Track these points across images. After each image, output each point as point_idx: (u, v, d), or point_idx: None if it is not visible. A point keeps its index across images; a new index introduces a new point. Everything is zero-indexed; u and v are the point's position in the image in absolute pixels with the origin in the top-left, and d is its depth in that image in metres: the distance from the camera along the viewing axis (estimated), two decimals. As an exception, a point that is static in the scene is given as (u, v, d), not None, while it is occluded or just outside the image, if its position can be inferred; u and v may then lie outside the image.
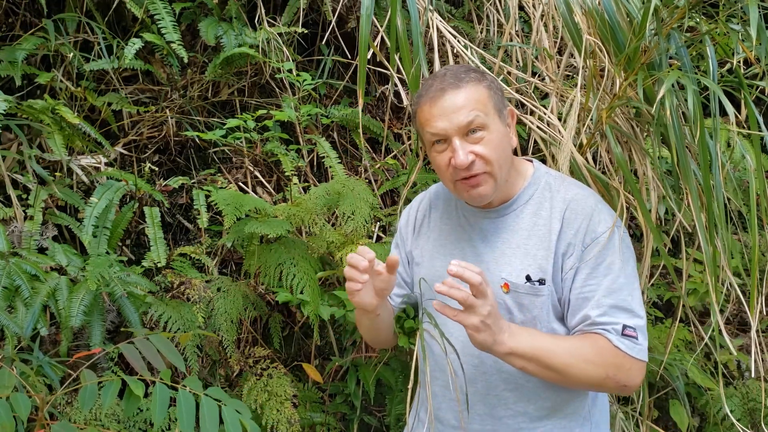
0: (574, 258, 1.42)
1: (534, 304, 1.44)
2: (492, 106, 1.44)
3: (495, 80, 1.50)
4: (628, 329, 1.38)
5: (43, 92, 2.47)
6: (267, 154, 2.68)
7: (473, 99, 1.42)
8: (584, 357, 1.37)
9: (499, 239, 1.49)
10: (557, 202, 1.47)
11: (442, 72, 1.48)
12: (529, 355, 1.37)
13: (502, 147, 1.44)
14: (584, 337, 1.41)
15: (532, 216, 1.48)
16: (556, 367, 1.37)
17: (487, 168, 1.44)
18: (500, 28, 2.75)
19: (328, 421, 2.40)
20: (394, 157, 2.83)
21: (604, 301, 1.39)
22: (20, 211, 2.21)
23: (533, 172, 1.54)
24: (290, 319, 2.58)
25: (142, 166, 2.57)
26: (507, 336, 1.35)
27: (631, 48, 1.70)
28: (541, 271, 1.43)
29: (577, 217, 1.44)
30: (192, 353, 2.15)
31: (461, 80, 1.43)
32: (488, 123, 1.42)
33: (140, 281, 2.20)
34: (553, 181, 1.52)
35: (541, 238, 1.45)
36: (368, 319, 1.62)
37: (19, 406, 1.40)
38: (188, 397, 1.45)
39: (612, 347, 1.37)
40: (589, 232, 1.42)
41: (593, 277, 1.41)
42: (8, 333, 1.90)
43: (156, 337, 1.61)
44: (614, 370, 1.37)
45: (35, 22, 2.60)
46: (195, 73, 2.72)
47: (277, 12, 2.86)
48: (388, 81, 2.89)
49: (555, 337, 1.43)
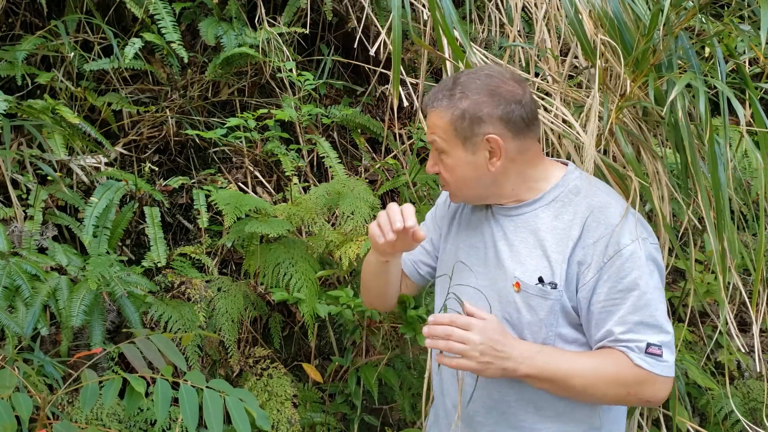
0: (594, 269, 1.39)
1: (541, 307, 1.43)
2: (453, 134, 1.43)
3: (480, 102, 1.41)
4: (653, 347, 1.35)
5: (43, 92, 2.47)
6: (267, 154, 2.68)
7: (433, 124, 1.46)
8: (604, 376, 1.37)
9: (518, 237, 1.48)
10: (581, 208, 1.44)
11: (441, 82, 1.49)
12: (546, 378, 1.38)
13: (461, 173, 1.46)
14: (605, 355, 1.39)
15: (553, 218, 1.45)
16: (575, 389, 1.38)
17: (448, 185, 1.50)
18: (502, 29, 2.75)
19: (328, 421, 2.39)
20: (394, 157, 2.83)
21: (629, 318, 1.36)
22: (20, 211, 2.21)
23: (564, 175, 1.50)
24: (290, 319, 2.58)
25: (142, 166, 2.57)
26: (518, 363, 1.36)
27: (640, 50, 1.70)
28: (555, 274, 1.41)
29: (599, 227, 1.40)
30: (193, 353, 2.15)
31: (433, 101, 1.45)
32: (446, 149, 1.45)
33: (140, 281, 2.20)
34: (582, 185, 1.48)
35: (559, 241, 1.43)
36: (376, 261, 1.63)
37: (21, 406, 1.40)
38: (190, 391, 1.44)
39: (633, 365, 1.35)
40: (612, 244, 1.38)
41: (617, 291, 1.37)
42: (9, 333, 1.89)
43: (157, 336, 1.61)
44: (636, 387, 1.36)
45: (35, 22, 2.60)
46: (195, 73, 2.72)
47: (277, 12, 2.86)
48: (388, 81, 2.89)
49: (573, 355, 1.41)
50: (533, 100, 1.46)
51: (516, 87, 1.43)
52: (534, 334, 1.45)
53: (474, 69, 1.49)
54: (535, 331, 1.44)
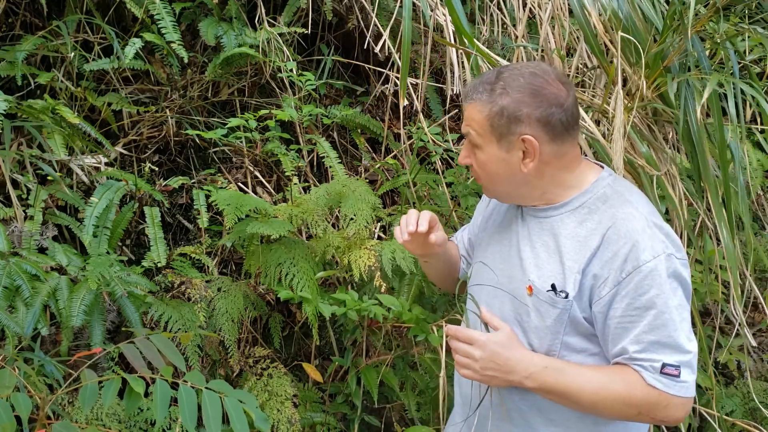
0: (611, 284, 1.35)
1: (549, 314, 1.41)
2: (488, 130, 1.41)
3: (520, 101, 1.38)
4: (669, 367, 1.32)
5: (43, 92, 2.47)
6: (267, 154, 2.68)
7: (469, 116, 1.44)
8: (614, 395, 1.35)
9: (539, 240, 1.46)
10: (605, 218, 1.39)
11: (484, 74, 1.47)
12: (553, 393, 1.38)
13: (492, 169, 1.44)
14: (617, 372, 1.36)
15: (576, 225, 1.42)
16: (583, 405, 1.38)
17: (480, 179, 1.50)
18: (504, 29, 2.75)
19: (328, 421, 2.39)
20: (394, 157, 2.83)
21: (645, 338, 1.33)
22: (20, 211, 2.21)
23: (595, 181, 1.45)
24: (290, 319, 2.58)
25: (142, 166, 2.57)
26: (522, 377, 1.38)
27: (653, 52, 1.71)
28: (567, 283, 1.39)
29: (619, 240, 1.35)
30: (193, 353, 2.15)
31: (473, 93, 1.43)
32: (480, 143, 1.43)
33: (140, 281, 2.20)
34: (611, 194, 1.43)
35: (577, 250, 1.39)
36: (421, 257, 1.76)
37: (20, 406, 1.40)
38: (189, 392, 1.44)
39: (645, 385, 1.33)
40: (631, 260, 1.33)
41: (634, 309, 1.33)
42: (9, 333, 1.89)
43: (157, 336, 1.61)
44: (648, 407, 1.33)
45: (35, 22, 2.60)
46: (195, 73, 2.72)
47: (277, 12, 2.86)
48: (388, 81, 2.89)
49: (583, 371, 1.39)
50: (576, 104, 1.42)
51: (560, 89, 1.39)
52: (540, 340, 1.43)
53: (520, 65, 1.45)
54: (541, 336, 1.43)
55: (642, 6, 1.87)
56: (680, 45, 1.75)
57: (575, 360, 1.43)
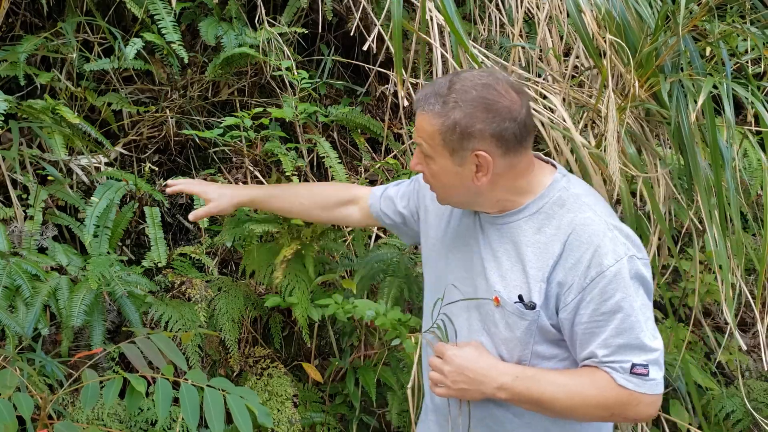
0: (575, 290, 1.35)
1: (518, 326, 1.41)
2: (440, 143, 1.37)
3: (473, 116, 1.34)
4: (638, 367, 1.33)
5: (44, 92, 2.47)
6: (267, 154, 2.67)
7: (421, 127, 1.40)
8: (587, 399, 1.36)
9: (501, 248, 1.44)
10: (563, 223, 1.38)
11: (436, 82, 1.42)
12: (526, 402, 1.40)
13: (445, 181, 1.43)
14: (588, 375, 1.37)
15: (535, 231, 1.40)
16: (556, 411, 1.39)
17: (433, 188, 1.48)
18: (502, 29, 2.75)
19: (328, 421, 2.39)
20: (394, 157, 2.83)
21: (613, 341, 1.34)
22: (20, 211, 2.21)
23: (550, 184, 1.43)
24: (290, 319, 2.58)
25: (142, 166, 2.57)
26: (494, 389, 1.38)
27: (645, 52, 1.71)
28: (532, 293, 1.38)
29: (581, 246, 1.34)
30: (193, 353, 2.15)
31: (425, 104, 1.38)
32: (432, 155, 1.40)
33: (140, 281, 2.20)
34: (567, 197, 1.41)
35: (539, 257, 1.38)
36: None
37: (22, 405, 1.40)
38: (191, 390, 1.44)
39: (616, 386, 1.34)
40: (594, 265, 1.33)
41: (600, 314, 1.33)
42: (9, 333, 1.89)
43: (157, 336, 1.61)
44: (620, 408, 1.35)
45: (35, 22, 2.60)
46: (195, 73, 2.72)
47: (278, 12, 2.86)
48: (388, 81, 2.89)
49: (554, 376, 1.40)
50: (529, 114, 1.39)
51: (513, 101, 1.35)
52: (510, 351, 1.43)
53: (473, 74, 1.39)
54: (510, 348, 1.43)
55: (636, 5, 1.87)
56: (673, 44, 1.75)
57: (546, 367, 1.43)
